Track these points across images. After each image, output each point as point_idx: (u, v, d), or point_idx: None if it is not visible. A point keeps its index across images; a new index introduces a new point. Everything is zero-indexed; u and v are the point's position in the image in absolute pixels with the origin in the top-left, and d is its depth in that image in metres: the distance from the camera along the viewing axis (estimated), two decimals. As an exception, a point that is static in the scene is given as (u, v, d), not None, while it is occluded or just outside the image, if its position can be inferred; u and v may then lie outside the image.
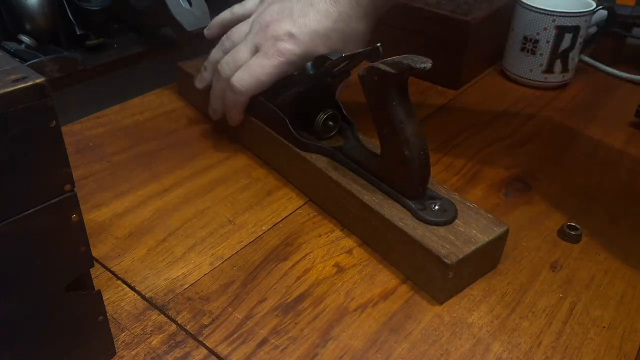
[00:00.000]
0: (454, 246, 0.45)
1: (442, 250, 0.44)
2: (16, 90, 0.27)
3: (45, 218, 0.31)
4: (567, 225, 0.53)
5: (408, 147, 0.46)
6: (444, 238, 0.45)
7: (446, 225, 0.47)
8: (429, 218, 0.47)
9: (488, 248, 0.46)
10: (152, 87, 0.74)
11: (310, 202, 0.56)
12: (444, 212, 0.47)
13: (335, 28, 0.55)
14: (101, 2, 0.68)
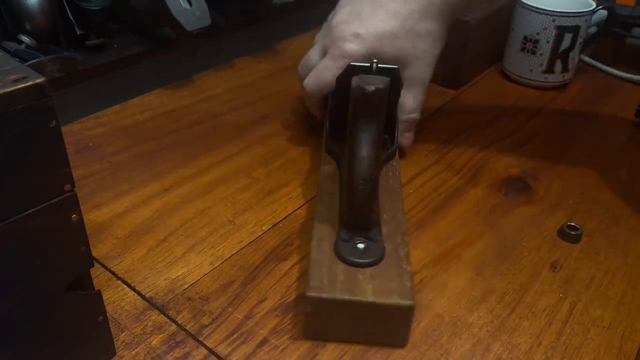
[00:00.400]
0: (333, 286, 0.40)
1: (316, 282, 0.40)
2: (16, 90, 0.27)
3: (45, 218, 0.31)
4: (567, 225, 0.53)
5: (350, 171, 0.43)
6: (335, 275, 0.41)
7: (352, 267, 0.42)
8: (339, 250, 0.42)
9: (376, 312, 0.40)
10: (152, 87, 0.74)
11: (309, 202, 0.56)
12: (362, 254, 0.42)
13: (404, 26, 0.54)
14: (101, 2, 0.68)
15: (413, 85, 0.58)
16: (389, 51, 0.55)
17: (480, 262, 0.50)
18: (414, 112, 0.59)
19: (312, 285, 0.40)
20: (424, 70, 0.58)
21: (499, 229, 0.54)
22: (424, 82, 0.58)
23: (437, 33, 0.56)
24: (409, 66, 0.56)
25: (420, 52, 0.56)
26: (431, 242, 0.52)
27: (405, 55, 0.56)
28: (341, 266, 0.41)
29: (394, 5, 0.55)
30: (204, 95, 0.74)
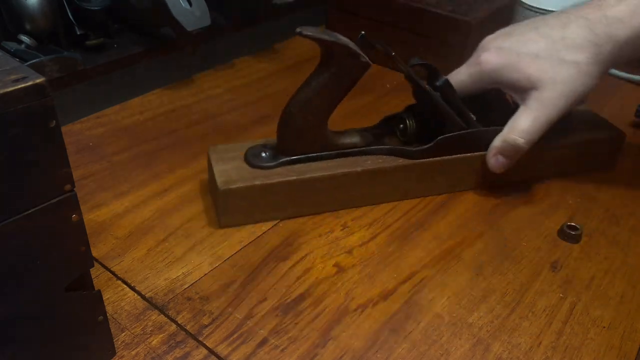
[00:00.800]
0: (231, 178, 0.51)
1: (223, 179, 0.51)
2: (16, 90, 0.27)
3: (45, 218, 0.31)
4: (567, 225, 0.53)
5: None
6: (243, 173, 0.51)
7: (257, 168, 0.52)
8: (247, 155, 0.53)
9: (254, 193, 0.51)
10: (152, 87, 0.74)
11: (310, 202, 0.56)
12: (263, 159, 0.53)
13: (551, 49, 0.52)
14: (101, 2, 0.68)
15: (536, 109, 0.53)
16: (525, 68, 0.52)
17: (480, 262, 0.50)
18: (520, 137, 0.53)
19: (220, 181, 0.51)
20: (556, 98, 0.52)
21: (499, 229, 0.54)
22: (550, 110, 0.52)
23: (586, 68, 0.52)
24: (541, 88, 0.52)
25: (559, 78, 0.52)
26: (431, 242, 0.52)
27: (541, 77, 0.52)
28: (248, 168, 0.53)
29: (548, 29, 0.53)
30: (204, 95, 0.74)
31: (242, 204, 0.51)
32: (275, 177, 0.52)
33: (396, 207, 0.56)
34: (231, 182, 0.50)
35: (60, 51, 0.65)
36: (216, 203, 0.52)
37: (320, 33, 0.48)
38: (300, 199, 0.53)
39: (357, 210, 0.55)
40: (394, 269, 0.49)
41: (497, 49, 0.54)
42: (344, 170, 0.53)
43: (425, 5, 0.77)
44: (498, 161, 0.55)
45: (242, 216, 0.52)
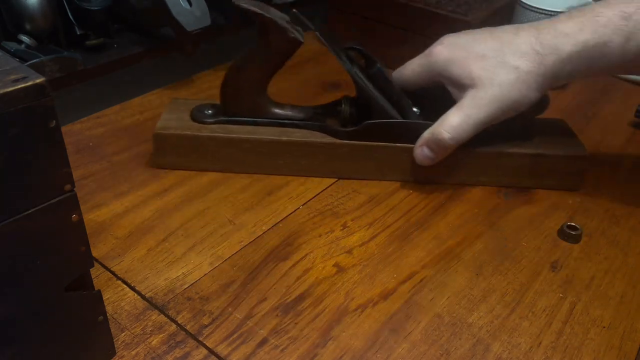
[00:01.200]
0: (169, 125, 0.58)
1: (161, 124, 0.57)
2: (16, 90, 0.27)
3: (45, 218, 0.31)
4: (567, 225, 0.53)
5: None
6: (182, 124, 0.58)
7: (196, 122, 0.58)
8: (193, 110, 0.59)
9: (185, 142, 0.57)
10: (152, 87, 0.74)
11: (309, 202, 0.56)
12: (205, 115, 0.58)
13: (497, 50, 0.52)
14: (101, 2, 0.68)
15: (468, 106, 0.53)
16: (469, 65, 0.53)
17: (480, 262, 0.50)
18: (447, 131, 0.53)
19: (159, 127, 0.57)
20: (488, 99, 0.52)
21: (499, 229, 0.54)
22: (480, 111, 0.52)
23: (525, 75, 0.51)
24: (478, 87, 0.52)
25: (497, 80, 0.52)
26: (431, 242, 0.52)
27: (481, 76, 0.52)
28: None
29: (501, 33, 0.54)
30: (203, 95, 0.74)
31: (174, 150, 0.57)
32: (205, 130, 0.57)
33: (396, 207, 0.56)
34: (166, 128, 0.57)
35: (60, 51, 0.65)
36: (152, 144, 0.58)
37: (253, 5, 0.52)
38: (227, 156, 0.58)
39: (356, 210, 0.55)
40: (394, 269, 0.49)
41: (450, 44, 0.55)
42: (270, 137, 0.57)
43: (425, 5, 0.77)
44: (423, 152, 0.55)
45: (173, 160, 0.58)
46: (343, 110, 0.58)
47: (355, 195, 0.57)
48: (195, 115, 0.58)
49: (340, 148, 0.57)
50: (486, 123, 0.53)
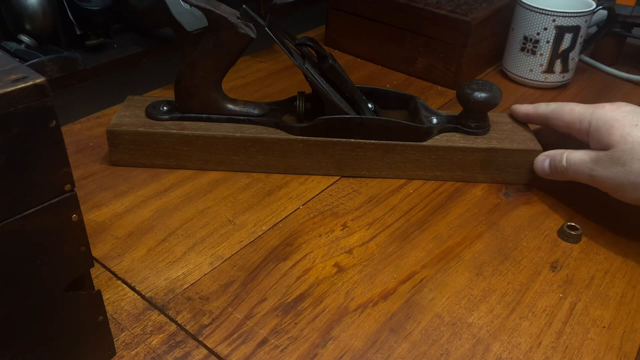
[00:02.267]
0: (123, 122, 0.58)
1: (115, 121, 0.58)
2: (16, 90, 0.27)
3: (45, 218, 0.31)
4: (567, 225, 0.53)
5: None
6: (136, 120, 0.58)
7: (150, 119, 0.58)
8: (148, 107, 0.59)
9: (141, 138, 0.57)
10: (152, 87, 0.74)
11: (309, 202, 0.56)
12: (159, 112, 0.58)
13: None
14: (101, 2, 0.68)
15: (599, 162, 0.51)
16: (632, 132, 0.50)
17: (480, 262, 0.50)
18: (565, 163, 0.54)
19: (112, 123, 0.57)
20: (621, 174, 0.50)
21: (499, 229, 0.54)
22: (604, 173, 0.51)
23: None
24: (621, 157, 0.50)
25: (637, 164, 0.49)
26: (431, 242, 0.52)
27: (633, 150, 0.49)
28: None
29: None
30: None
31: (129, 146, 0.57)
32: (158, 127, 0.57)
33: (396, 207, 0.56)
34: (120, 125, 0.57)
35: (60, 51, 0.65)
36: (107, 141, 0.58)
37: (202, 1, 0.52)
38: (183, 153, 0.58)
39: (356, 210, 0.55)
40: (394, 269, 0.49)
41: (629, 111, 0.52)
42: (224, 133, 0.57)
43: (425, 5, 0.77)
44: (544, 164, 0.57)
45: (130, 157, 0.58)
46: (298, 105, 0.58)
47: (355, 195, 0.57)
48: (149, 112, 0.59)
49: (294, 144, 0.58)
50: (598, 184, 0.53)
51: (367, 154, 0.58)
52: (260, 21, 0.55)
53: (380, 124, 0.57)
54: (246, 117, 0.58)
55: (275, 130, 0.58)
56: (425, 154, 0.58)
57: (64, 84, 0.65)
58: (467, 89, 0.57)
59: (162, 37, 0.75)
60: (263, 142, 0.57)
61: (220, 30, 0.54)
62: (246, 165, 0.59)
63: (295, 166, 0.59)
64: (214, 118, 0.58)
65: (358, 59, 0.86)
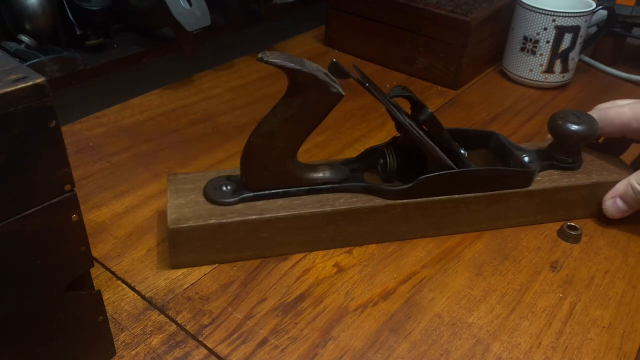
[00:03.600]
0: (184, 215, 0.46)
1: (175, 216, 0.46)
2: (16, 90, 0.27)
3: (45, 218, 0.31)
4: (567, 226, 0.53)
5: None
6: (199, 208, 0.47)
7: (215, 204, 0.48)
8: (206, 188, 0.49)
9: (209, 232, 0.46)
10: (152, 87, 0.74)
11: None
12: (224, 193, 0.48)
13: None
14: (101, 2, 0.68)
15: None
16: None
17: (480, 262, 0.50)
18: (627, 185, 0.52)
19: (170, 219, 0.46)
20: None
21: (499, 229, 0.54)
22: None
23: None
24: None
25: None
26: (431, 242, 0.52)
27: None
28: (206, 203, 0.48)
29: None
30: (203, 95, 0.74)
31: (195, 243, 0.47)
32: (232, 215, 0.47)
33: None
34: (183, 219, 0.46)
35: (60, 51, 0.65)
36: (168, 241, 0.47)
37: (285, 59, 0.43)
38: (262, 240, 0.48)
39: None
40: (394, 269, 0.49)
41: None
42: (311, 210, 0.48)
43: (425, 5, 0.77)
44: (616, 204, 0.53)
45: (195, 256, 0.47)
46: (389, 164, 0.51)
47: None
48: (211, 195, 0.48)
49: (391, 210, 0.50)
50: None
51: (470, 208, 0.52)
52: (350, 74, 0.47)
53: (487, 174, 0.51)
54: (328, 186, 0.50)
55: (367, 197, 0.50)
56: (531, 199, 0.53)
57: (64, 84, 0.65)
58: (564, 121, 0.52)
59: (162, 37, 0.75)
60: (358, 213, 0.49)
61: (308, 90, 0.44)
62: (334, 242, 0.50)
63: (389, 233, 0.51)
64: (292, 192, 0.49)
65: (358, 59, 0.86)
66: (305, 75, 0.44)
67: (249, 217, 0.47)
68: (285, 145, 0.47)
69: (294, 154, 0.48)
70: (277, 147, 0.47)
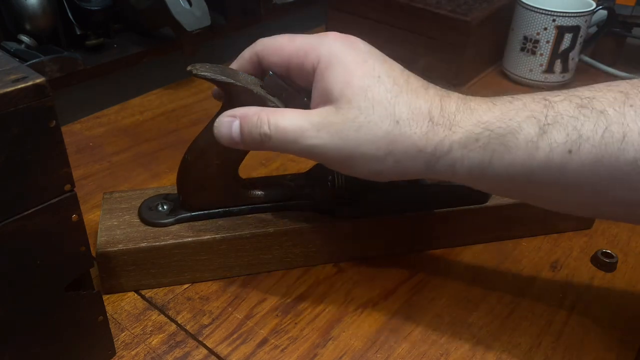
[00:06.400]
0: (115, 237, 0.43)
1: (104, 239, 0.43)
2: (16, 90, 0.27)
3: (45, 218, 0.31)
4: (601, 253, 0.50)
5: None
6: (131, 230, 0.44)
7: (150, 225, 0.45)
8: (142, 208, 0.46)
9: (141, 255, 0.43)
10: (152, 87, 0.74)
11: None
12: (160, 214, 0.45)
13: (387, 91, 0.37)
14: (101, 2, 0.68)
15: (315, 124, 0.37)
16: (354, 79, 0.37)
17: (481, 262, 0.50)
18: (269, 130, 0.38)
19: (99, 243, 0.43)
20: (343, 136, 0.37)
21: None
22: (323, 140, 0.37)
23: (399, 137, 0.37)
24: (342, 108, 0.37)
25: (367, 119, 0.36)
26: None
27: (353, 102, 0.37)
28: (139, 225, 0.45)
29: (415, 79, 0.39)
30: (203, 95, 0.74)
31: (127, 268, 0.44)
32: (167, 237, 0.44)
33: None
34: (113, 243, 0.43)
35: (60, 51, 0.65)
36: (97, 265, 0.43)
37: (216, 72, 0.39)
38: (201, 263, 0.45)
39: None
40: (394, 269, 0.49)
41: (355, 42, 0.41)
42: (253, 230, 0.45)
43: (425, 5, 0.77)
44: (231, 129, 0.39)
45: (128, 281, 0.44)
46: (337, 179, 0.46)
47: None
48: (146, 216, 0.45)
49: (340, 229, 0.47)
50: (318, 157, 0.39)
51: (423, 227, 0.49)
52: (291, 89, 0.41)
53: (442, 190, 0.48)
54: (271, 204, 0.47)
55: (314, 216, 0.47)
56: (488, 216, 0.50)
57: (64, 84, 0.65)
58: None
59: (162, 37, 0.75)
60: (303, 233, 0.46)
61: (243, 104, 0.40)
62: (278, 264, 0.47)
63: (338, 254, 0.49)
64: (234, 211, 0.46)
65: (358, 59, 0.86)
66: (239, 88, 0.40)
67: (185, 239, 0.44)
68: (221, 163, 0.43)
69: (233, 172, 0.45)
70: (213, 164, 0.43)
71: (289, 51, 0.40)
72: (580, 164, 0.34)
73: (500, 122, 0.36)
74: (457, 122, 0.36)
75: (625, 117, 0.34)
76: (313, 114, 0.38)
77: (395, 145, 0.37)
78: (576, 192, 0.36)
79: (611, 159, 0.34)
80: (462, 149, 0.36)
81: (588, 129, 0.34)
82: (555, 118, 0.35)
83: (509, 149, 0.35)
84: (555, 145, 0.35)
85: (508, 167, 0.36)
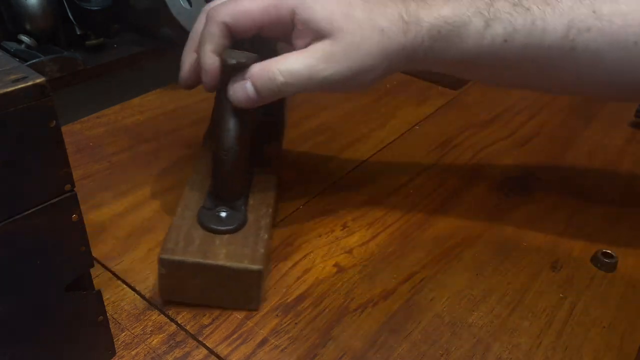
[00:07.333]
0: (187, 249, 0.41)
1: (171, 244, 0.41)
2: (16, 90, 0.27)
3: (45, 218, 0.31)
4: (602, 253, 0.50)
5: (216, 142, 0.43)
6: (192, 239, 0.42)
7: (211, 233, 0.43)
8: (200, 217, 0.44)
9: (226, 275, 0.41)
10: (152, 87, 0.74)
11: (309, 202, 0.56)
12: (222, 222, 0.43)
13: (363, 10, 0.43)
14: (101, 2, 0.68)
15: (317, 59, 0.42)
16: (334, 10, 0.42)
17: (480, 262, 0.50)
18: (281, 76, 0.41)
19: (166, 248, 0.41)
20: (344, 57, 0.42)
21: (499, 229, 0.54)
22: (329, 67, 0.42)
23: (388, 42, 0.43)
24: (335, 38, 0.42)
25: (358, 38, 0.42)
26: (431, 242, 0.52)
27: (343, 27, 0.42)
28: (200, 232, 0.43)
29: None
30: (203, 95, 0.73)
31: (193, 282, 0.42)
32: None
33: (396, 207, 0.56)
34: (178, 250, 0.40)
35: (60, 51, 0.65)
36: None
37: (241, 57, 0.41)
38: None
39: (356, 210, 0.55)
40: (394, 269, 0.49)
41: None
42: None
43: None
44: (246, 88, 0.43)
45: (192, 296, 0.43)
46: None
47: (356, 195, 0.57)
48: (204, 221, 0.43)
49: None
50: (329, 84, 0.42)
51: None
52: None
53: None
54: None
55: None
56: None
57: (64, 84, 0.65)
58: None
59: (162, 37, 0.75)
60: None
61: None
62: None
63: None
64: None
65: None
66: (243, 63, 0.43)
67: None
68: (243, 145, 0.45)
69: None
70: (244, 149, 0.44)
71: (258, 12, 0.43)
72: (513, 49, 0.44)
73: (455, 17, 0.43)
74: (422, 17, 0.43)
75: (545, 13, 0.43)
76: (312, 51, 0.42)
77: (388, 51, 0.43)
78: (512, 71, 0.47)
79: (534, 46, 0.44)
80: (430, 40, 0.44)
81: (519, 24, 0.43)
82: (495, 14, 0.43)
83: (462, 39, 0.44)
84: (495, 35, 0.44)
85: (463, 53, 0.44)
